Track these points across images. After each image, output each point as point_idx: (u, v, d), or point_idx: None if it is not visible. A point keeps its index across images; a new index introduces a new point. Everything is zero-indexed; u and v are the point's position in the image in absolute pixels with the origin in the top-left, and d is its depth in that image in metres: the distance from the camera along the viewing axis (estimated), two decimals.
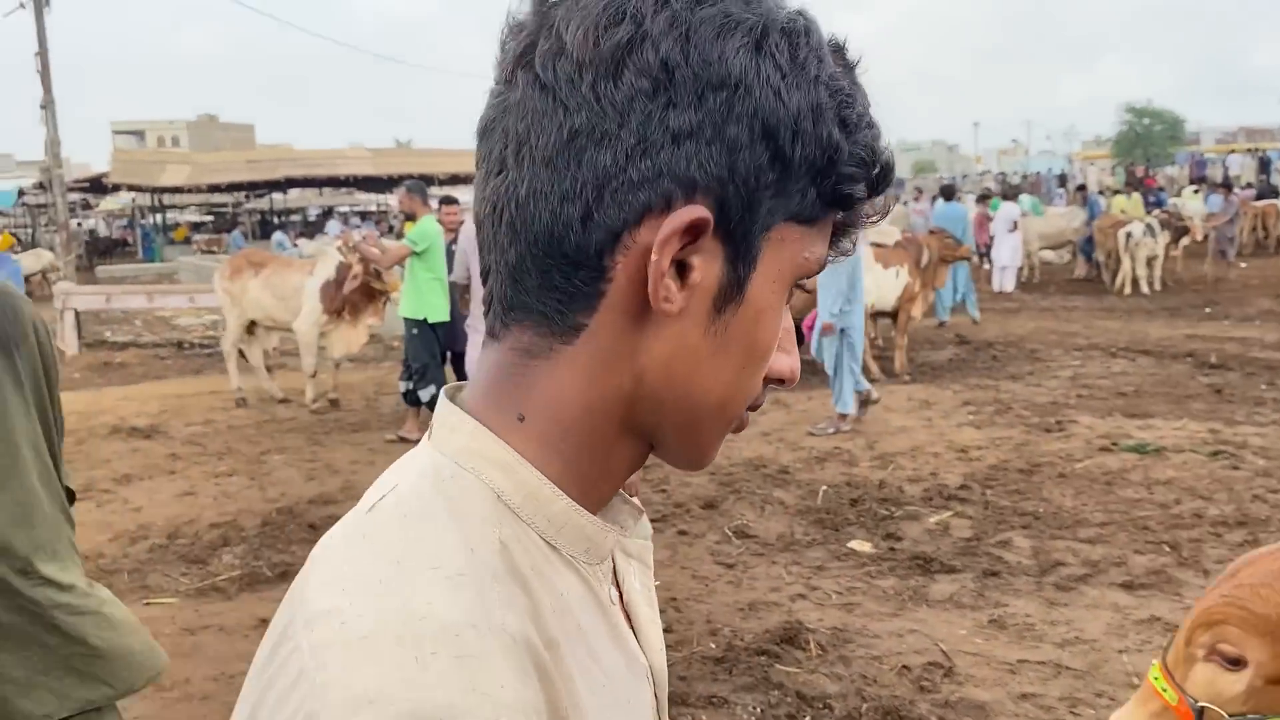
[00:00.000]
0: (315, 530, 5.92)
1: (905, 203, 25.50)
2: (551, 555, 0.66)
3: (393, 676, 0.55)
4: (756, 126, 0.62)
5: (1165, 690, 1.51)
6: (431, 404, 8.01)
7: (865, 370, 10.15)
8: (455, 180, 31.71)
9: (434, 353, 8.07)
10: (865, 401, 8.28)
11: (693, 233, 0.62)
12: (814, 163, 0.64)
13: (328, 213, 38.44)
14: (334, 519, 0.73)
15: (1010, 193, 24.00)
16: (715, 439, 0.71)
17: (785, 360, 0.73)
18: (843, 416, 8.09)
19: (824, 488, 6.50)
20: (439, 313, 7.98)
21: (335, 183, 35.60)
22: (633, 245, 0.62)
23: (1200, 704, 1.47)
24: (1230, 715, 1.44)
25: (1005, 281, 17.01)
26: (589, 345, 0.65)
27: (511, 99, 0.64)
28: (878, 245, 10.63)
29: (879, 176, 0.67)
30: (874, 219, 0.71)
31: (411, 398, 8.14)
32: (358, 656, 0.56)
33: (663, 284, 0.62)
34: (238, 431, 8.65)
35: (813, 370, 10.80)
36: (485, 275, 0.68)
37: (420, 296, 7.98)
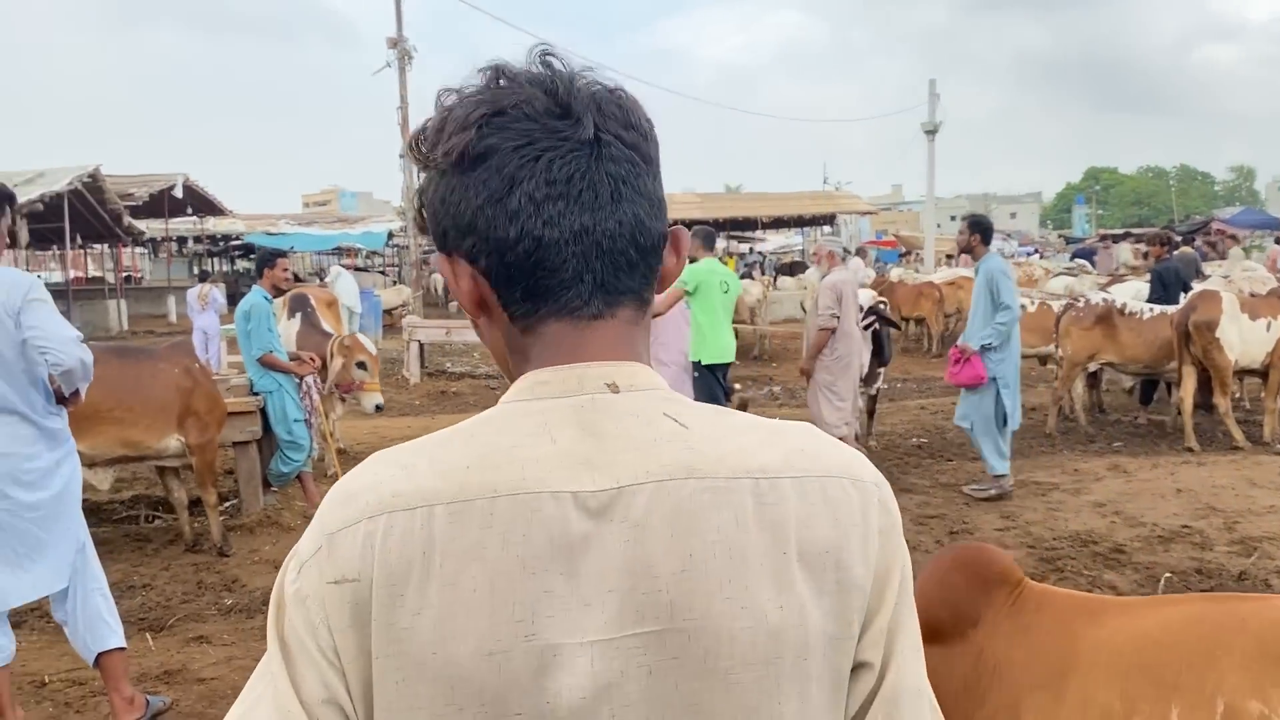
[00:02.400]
0: None
1: None
2: None
3: (844, 447, 0.95)
4: None
5: None
6: None
7: (1228, 434, 8.87)
8: (779, 224, 31.63)
9: (713, 394, 7.91)
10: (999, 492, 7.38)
11: None
12: None
13: None
14: None
15: None
16: None
17: None
18: (998, 477, 7.32)
19: (1166, 575, 5.60)
20: (712, 354, 7.84)
21: None
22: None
23: None
24: None
25: None
26: (648, 310, 0.97)
27: (601, 153, 0.90)
28: (1250, 294, 9.30)
29: None
30: None
31: None
32: (826, 453, 0.92)
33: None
34: None
35: (1161, 434, 9.59)
36: (573, 281, 0.90)
37: (700, 338, 7.88)
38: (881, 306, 8.96)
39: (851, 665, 0.88)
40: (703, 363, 7.88)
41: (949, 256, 34.64)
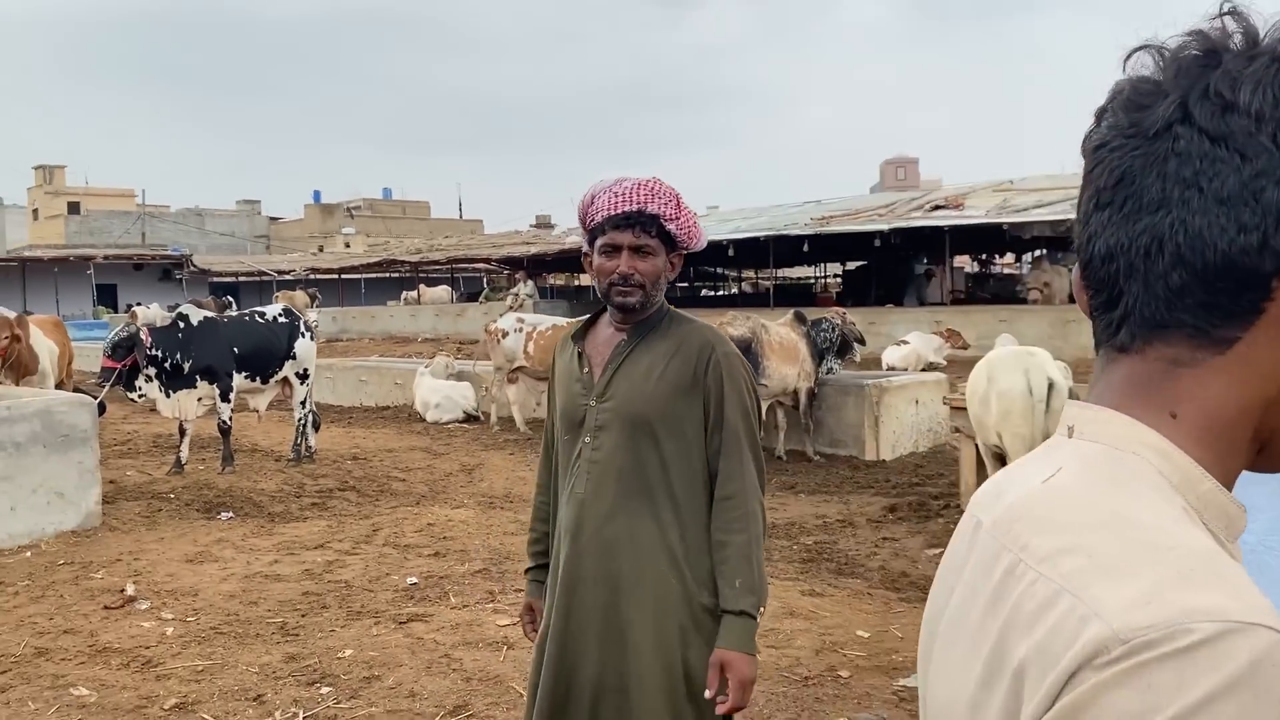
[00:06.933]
0: None
1: None
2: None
3: (1161, 585, 0.63)
4: None
5: None
6: None
7: None
8: None
9: None
10: None
11: None
12: None
13: None
14: None
15: None
16: None
17: None
18: None
19: None
20: None
21: None
22: None
23: None
24: None
25: None
26: (1241, 356, 0.72)
27: (1163, 148, 0.72)
28: None
29: None
30: None
31: None
32: (1118, 576, 0.66)
33: None
34: None
35: None
36: (1110, 303, 0.76)
37: None
38: None
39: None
40: None
41: None
